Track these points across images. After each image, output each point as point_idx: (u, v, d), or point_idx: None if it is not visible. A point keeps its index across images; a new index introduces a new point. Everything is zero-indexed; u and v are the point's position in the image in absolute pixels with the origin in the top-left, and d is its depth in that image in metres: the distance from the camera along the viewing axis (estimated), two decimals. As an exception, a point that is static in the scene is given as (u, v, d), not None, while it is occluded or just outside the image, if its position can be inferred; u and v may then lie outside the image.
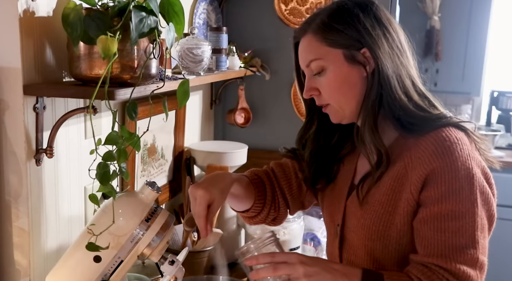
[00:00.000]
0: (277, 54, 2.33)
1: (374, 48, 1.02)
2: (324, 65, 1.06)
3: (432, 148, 0.99)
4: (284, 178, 1.29)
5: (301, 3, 2.26)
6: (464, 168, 0.97)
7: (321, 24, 1.06)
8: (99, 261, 1.10)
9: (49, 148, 1.22)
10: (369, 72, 1.04)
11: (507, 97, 3.54)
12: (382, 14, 1.06)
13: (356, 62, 1.04)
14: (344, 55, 1.04)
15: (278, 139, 2.38)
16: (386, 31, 1.04)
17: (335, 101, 1.08)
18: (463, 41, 3.28)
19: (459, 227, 0.97)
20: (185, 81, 1.21)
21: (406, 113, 1.03)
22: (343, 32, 1.04)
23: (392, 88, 1.02)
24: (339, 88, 1.06)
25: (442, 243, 0.97)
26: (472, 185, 0.97)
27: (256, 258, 1.02)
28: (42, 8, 1.18)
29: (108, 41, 1.05)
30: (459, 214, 0.97)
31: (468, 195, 0.97)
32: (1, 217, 1.21)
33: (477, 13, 3.23)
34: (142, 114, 1.32)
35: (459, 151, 0.98)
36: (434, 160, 0.98)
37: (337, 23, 1.04)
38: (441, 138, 0.99)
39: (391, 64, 1.03)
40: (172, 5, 1.18)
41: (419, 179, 0.99)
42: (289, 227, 1.72)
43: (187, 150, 2.04)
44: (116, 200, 1.12)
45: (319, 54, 1.06)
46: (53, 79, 1.24)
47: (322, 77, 1.07)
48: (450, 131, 1.00)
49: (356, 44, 1.03)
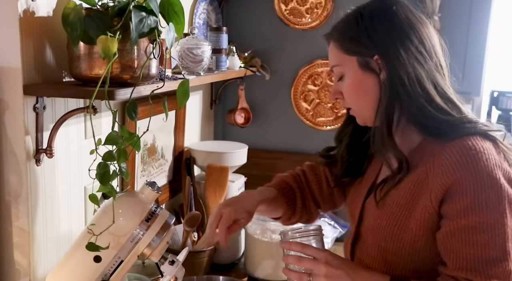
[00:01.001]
0: (277, 54, 2.33)
1: (386, 55, 1.03)
2: (343, 71, 1.10)
3: (457, 157, 0.96)
4: (315, 182, 1.35)
5: (301, 3, 2.26)
6: (490, 179, 0.95)
7: (340, 31, 1.11)
8: (99, 261, 1.10)
9: (49, 148, 1.22)
10: (383, 78, 1.05)
11: (507, 97, 3.54)
12: (403, 17, 1.05)
13: (370, 69, 1.06)
14: (358, 62, 1.07)
15: (278, 139, 2.39)
16: (404, 35, 1.04)
17: (354, 106, 1.12)
18: (463, 41, 3.27)
19: (488, 240, 0.94)
20: (185, 81, 1.21)
21: (427, 116, 1.02)
22: (356, 40, 1.07)
23: (409, 93, 1.02)
24: (355, 94, 1.10)
25: (472, 256, 0.95)
26: (499, 195, 0.94)
27: (289, 243, 1.07)
28: (42, 8, 1.18)
29: (108, 41, 1.05)
30: (487, 226, 0.94)
31: (496, 206, 0.94)
32: (1, 217, 1.21)
33: (477, 13, 3.22)
34: (142, 114, 1.32)
35: (485, 161, 0.95)
36: (458, 170, 0.95)
37: (351, 31, 1.08)
38: (466, 146, 0.97)
39: (407, 69, 1.02)
40: (172, 5, 1.18)
41: (441, 187, 0.97)
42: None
43: (187, 150, 2.04)
44: (116, 200, 1.12)
45: (338, 60, 1.11)
46: (53, 79, 1.24)
47: (343, 82, 1.11)
48: (477, 140, 0.98)
49: (369, 51, 1.05)
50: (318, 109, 2.32)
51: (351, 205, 1.24)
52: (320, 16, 2.24)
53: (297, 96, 2.33)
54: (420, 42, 1.04)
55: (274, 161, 2.38)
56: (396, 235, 1.05)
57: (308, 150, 2.36)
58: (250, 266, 1.80)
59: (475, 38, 3.29)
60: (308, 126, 2.34)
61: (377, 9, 1.07)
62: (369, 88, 1.07)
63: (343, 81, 1.11)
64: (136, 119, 1.18)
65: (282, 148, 2.39)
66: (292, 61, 2.32)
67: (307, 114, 2.34)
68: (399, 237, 1.05)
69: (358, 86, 1.08)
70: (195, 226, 1.74)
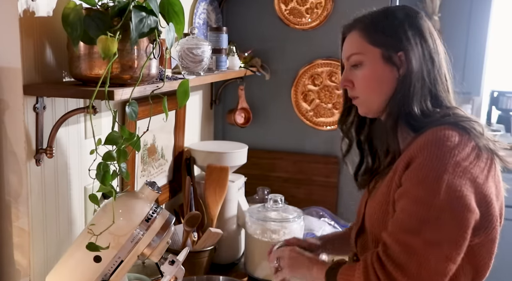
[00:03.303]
0: (277, 54, 2.33)
1: (410, 54, 1.12)
2: (363, 60, 1.16)
3: (420, 141, 1.05)
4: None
5: (301, 3, 2.26)
6: (438, 161, 1.01)
7: (369, 23, 1.17)
8: (99, 261, 1.10)
9: (49, 148, 1.22)
10: (401, 74, 1.13)
11: (507, 97, 3.54)
12: (425, 26, 1.16)
13: (391, 63, 1.14)
14: (382, 54, 1.14)
15: (278, 139, 2.39)
16: (424, 42, 1.14)
17: (365, 95, 1.18)
18: (463, 41, 3.27)
19: (413, 211, 1.01)
20: (185, 81, 1.21)
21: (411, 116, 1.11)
22: (386, 35, 1.14)
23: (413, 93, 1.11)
24: (371, 83, 1.16)
25: (397, 222, 1.04)
26: (439, 178, 1.00)
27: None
28: (42, 8, 1.18)
29: (108, 41, 1.06)
30: (418, 199, 1.01)
31: (431, 184, 1.00)
32: (1, 217, 1.21)
33: (477, 13, 3.23)
34: (142, 114, 1.32)
35: (440, 145, 1.02)
36: (415, 151, 1.04)
37: (383, 25, 1.16)
38: (430, 134, 1.05)
39: (420, 70, 1.12)
40: (172, 5, 1.18)
41: (401, 167, 1.07)
42: (289, 227, 1.72)
43: (187, 150, 2.04)
44: (116, 200, 1.12)
45: (360, 49, 1.17)
46: (53, 79, 1.24)
47: (358, 71, 1.17)
48: (443, 128, 1.05)
49: (395, 47, 1.13)
50: (318, 109, 2.32)
51: (360, 203, 1.30)
52: (320, 16, 2.24)
53: (297, 96, 2.33)
54: (435, 50, 1.15)
55: (274, 161, 2.38)
56: (381, 220, 1.12)
57: (308, 150, 2.36)
58: (250, 266, 1.80)
59: (475, 38, 3.30)
60: (308, 126, 2.34)
61: (406, 13, 1.16)
62: (385, 80, 1.15)
63: (358, 70, 1.17)
64: (136, 119, 1.18)
65: (282, 148, 2.39)
66: (292, 61, 2.32)
67: (307, 114, 2.34)
68: (383, 222, 1.11)
69: (375, 77, 1.15)
70: (195, 226, 1.74)
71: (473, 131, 1.05)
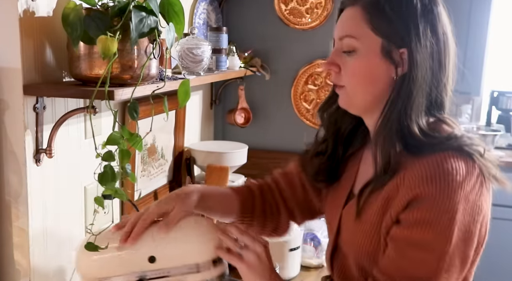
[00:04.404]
0: (277, 54, 2.33)
1: (414, 53, 0.92)
2: (357, 47, 0.95)
3: (423, 173, 0.89)
4: (290, 190, 1.23)
5: (301, 3, 2.26)
6: (449, 201, 0.87)
7: (374, 3, 0.94)
8: (152, 262, 1.01)
9: (49, 148, 1.22)
10: (399, 74, 0.93)
11: (507, 97, 3.54)
12: (441, 20, 0.95)
13: (389, 58, 0.93)
14: (382, 45, 0.93)
15: (278, 139, 2.39)
16: (435, 39, 0.93)
17: (351, 87, 0.98)
18: (463, 41, 3.27)
19: (422, 259, 0.89)
20: (186, 81, 1.21)
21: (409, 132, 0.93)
22: (392, 22, 0.93)
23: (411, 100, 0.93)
24: (360, 77, 0.97)
25: (401, 268, 0.91)
26: (452, 220, 0.87)
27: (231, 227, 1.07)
28: (42, 8, 1.18)
29: (108, 41, 1.05)
30: (428, 246, 0.88)
31: (445, 230, 0.87)
32: (1, 217, 1.21)
33: (477, 13, 3.23)
34: (142, 114, 1.32)
35: (450, 181, 0.87)
36: (419, 186, 0.88)
37: (391, 9, 0.93)
38: (434, 164, 0.89)
39: (422, 74, 0.93)
40: (172, 5, 1.18)
41: (401, 203, 0.91)
42: (289, 227, 1.72)
43: (187, 150, 2.04)
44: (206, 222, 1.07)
45: (357, 32, 0.95)
46: (53, 79, 1.24)
47: (349, 57, 0.96)
48: (448, 157, 0.89)
49: (399, 40, 0.92)
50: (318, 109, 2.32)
51: (328, 215, 1.16)
52: (320, 16, 2.24)
53: (297, 96, 2.33)
54: (444, 50, 0.95)
55: (274, 161, 2.38)
56: (371, 254, 0.98)
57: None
58: (250, 266, 1.79)
59: (475, 38, 3.29)
60: (308, 126, 2.34)
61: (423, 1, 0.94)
62: (379, 77, 0.95)
63: (350, 57, 0.96)
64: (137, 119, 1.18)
65: (282, 148, 2.39)
66: (292, 61, 2.32)
67: (307, 114, 2.34)
68: (374, 254, 0.98)
69: (369, 70, 0.95)
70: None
71: (477, 156, 0.91)
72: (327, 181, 1.14)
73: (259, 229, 1.22)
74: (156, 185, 1.89)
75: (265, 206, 1.21)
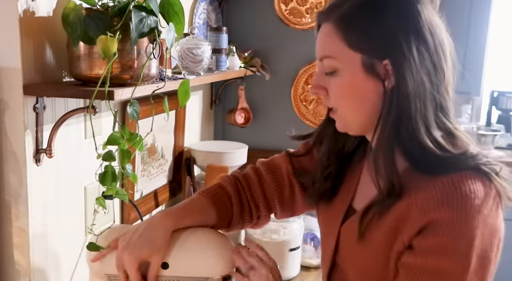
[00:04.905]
0: (277, 54, 2.33)
1: (398, 62, 0.84)
2: (338, 67, 0.89)
3: (439, 196, 0.83)
4: (275, 185, 1.15)
5: (301, 3, 2.26)
6: (467, 227, 0.82)
7: (345, 16, 0.88)
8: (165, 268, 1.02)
9: (49, 148, 1.22)
10: (388, 88, 0.86)
11: (507, 97, 3.54)
12: (426, 15, 0.87)
13: (374, 73, 0.86)
14: (362, 61, 0.87)
15: (278, 139, 2.39)
16: (423, 41, 0.85)
17: (341, 109, 0.93)
18: (463, 41, 3.27)
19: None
20: (186, 81, 1.21)
21: (420, 149, 0.86)
22: (367, 34, 0.86)
23: (411, 114, 0.85)
24: (348, 98, 0.90)
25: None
26: (470, 247, 0.82)
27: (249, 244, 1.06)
28: (42, 8, 1.18)
29: (108, 41, 1.06)
30: (444, 274, 0.83)
31: (462, 258, 0.82)
32: (1, 217, 1.21)
33: (477, 13, 3.23)
34: (142, 114, 1.32)
35: (468, 206, 0.82)
36: (435, 209, 0.83)
37: (362, 20, 0.86)
38: (452, 186, 0.83)
39: (417, 84, 0.85)
40: (172, 5, 1.18)
41: (414, 227, 0.85)
42: (289, 227, 1.72)
43: (187, 150, 2.04)
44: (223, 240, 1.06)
45: (334, 52, 0.89)
46: (53, 79, 1.24)
47: (333, 78, 0.90)
48: (466, 179, 0.83)
49: (379, 52, 0.86)
50: (318, 109, 2.32)
51: (325, 228, 1.09)
52: (320, 16, 2.24)
53: (297, 96, 2.33)
54: (436, 51, 0.87)
55: (274, 161, 2.38)
56: (378, 276, 0.93)
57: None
58: (250, 266, 1.80)
59: (475, 38, 3.29)
60: (308, 126, 2.34)
61: (398, 2, 0.87)
62: (368, 95, 0.88)
63: (334, 77, 0.90)
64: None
65: (282, 148, 2.36)
66: (292, 61, 2.32)
67: (307, 114, 2.34)
68: (381, 278, 0.92)
69: (354, 89, 0.89)
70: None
71: (494, 176, 0.86)
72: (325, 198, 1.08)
73: (239, 228, 1.17)
74: (156, 185, 1.89)
75: (242, 206, 1.14)
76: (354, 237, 0.94)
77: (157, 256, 0.99)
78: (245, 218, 1.14)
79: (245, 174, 1.18)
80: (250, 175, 1.17)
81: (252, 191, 1.15)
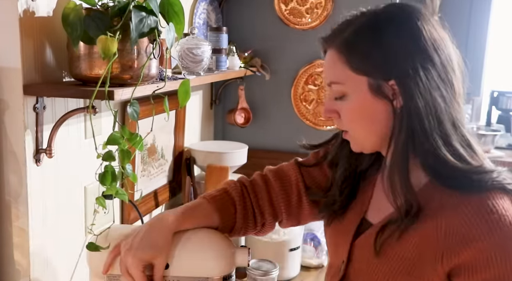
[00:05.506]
0: (277, 54, 2.33)
1: (405, 81, 0.85)
2: (345, 91, 0.91)
3: (477, 221, 0.81)
4: (282, 194, 1.15)
5: (301, 3, 2.26)
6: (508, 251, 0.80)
7: (347, 41, 0.90)
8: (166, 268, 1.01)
9: (49, 148, 1.22)
10: (397, 107, 0.87)
11: (507, 97, 3.55)
12: (428, 31, 0.87)
13: (382, 94, 0.88)
14: (368, 84, 0.88)
15: (278, 139, 2.39)
16: (428, 57, 0.86)
17: (353, 131, 0.95)
18: (463, 41, 3.28)
19: None
20: (186, 81, 1.21)
21: (440, 160, 0.86)
22: (369, 56, 0.88)
23: (426, 129, 0.85)
24: (359, 120, 0.92)
25: None
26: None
27: None
28: (42, 8, 1.18)
29: (108, 41, 1.06)
30: None
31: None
32: (1, 217, 1.21)
33: (477, 13, 3.23)
34: (142, 114, 1.32)
35: (509, 225, 0.80)
36: (479, 238, 0.80)
37: (363, 43, 0.88)
38: (486, 208, 0.81)
39: (426, 102, 0.85)
40: (172, 5, 1.18)
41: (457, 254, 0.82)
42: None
43: (187, 150, 2.04)
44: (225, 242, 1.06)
45: (341, 78, 0.91)
46: (53, 79, 1.24)
47: (342, 102, 0.93)
48: (496, 199, 0.83)
49: (383, 73, 0.87)
50: (318, 109, 2.32)
51: (335, 239, 1.08)
52: (320, 16, 2.23)
53: (297, 96, 2.33)
54: (443, 66, 0.87)
55: (274, 161, 2.36)
56: None
57: (308, 150, 2.36)
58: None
59: (475, 38, 3.30)
60: (308, 126, 2.34)
61: (397, 21, 0.88)
62: (379, 116, 0.89)
63: (343, 101, 0.92)
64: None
65: (282, 148, 2.39)
66: (292, 61, 2.32)
67: (307, 114, 2.34)
68: None
69: (365, 112, 0.90)
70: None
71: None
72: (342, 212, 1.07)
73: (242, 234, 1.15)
74: (156, 185, 1.89)
75: (246, 212, 1.13)
76: (370, 251, 0.93)
77: (161, 258, 0.98)
78: (248, 224, 1.13)
79: (252, 180, 1.18)
80: (257, 182, 1.17)
81: (258, 197, 1.14)
